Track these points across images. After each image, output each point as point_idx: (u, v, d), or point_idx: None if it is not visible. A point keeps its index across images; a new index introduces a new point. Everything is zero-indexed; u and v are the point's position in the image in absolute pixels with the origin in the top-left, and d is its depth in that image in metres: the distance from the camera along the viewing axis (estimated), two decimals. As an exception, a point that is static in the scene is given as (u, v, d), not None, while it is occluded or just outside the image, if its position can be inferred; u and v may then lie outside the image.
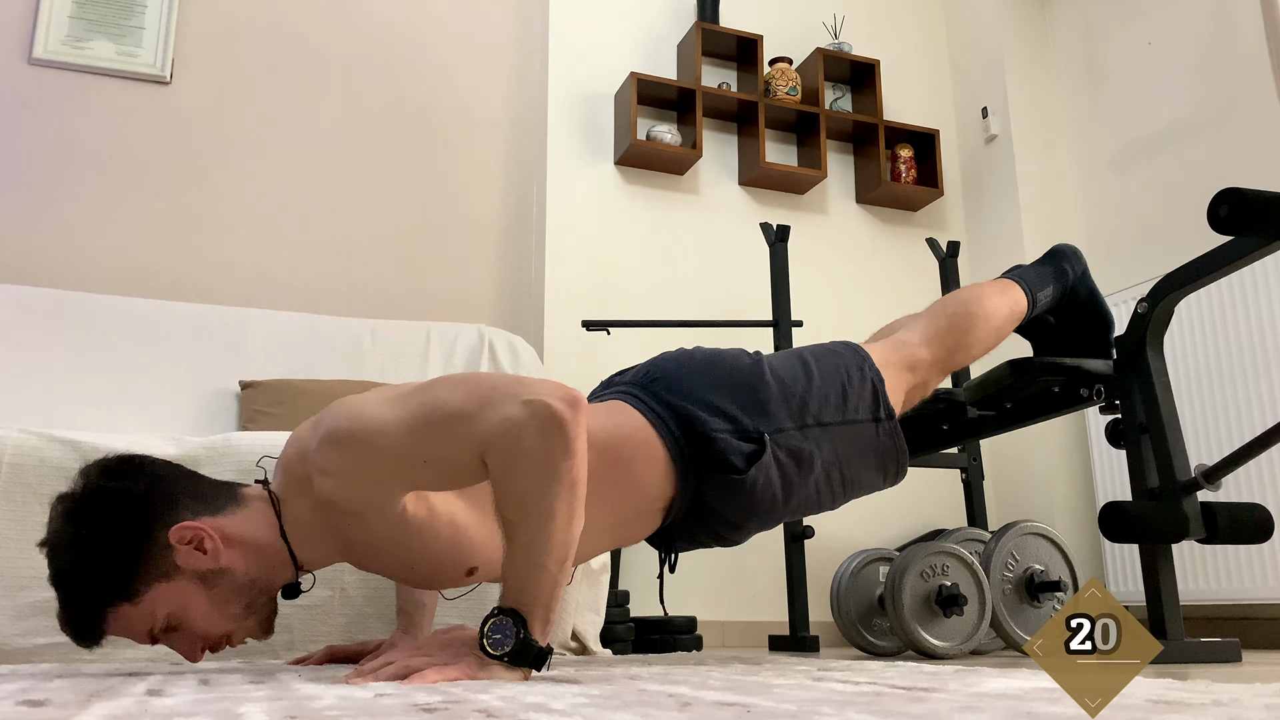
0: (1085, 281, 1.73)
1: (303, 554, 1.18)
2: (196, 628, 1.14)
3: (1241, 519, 1.57)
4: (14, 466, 1.62)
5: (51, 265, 2.65)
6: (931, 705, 0.67)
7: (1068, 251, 1.74)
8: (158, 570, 1.10)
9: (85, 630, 1.11)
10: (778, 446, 1.32)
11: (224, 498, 1.17)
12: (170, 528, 1.10)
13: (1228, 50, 2.79)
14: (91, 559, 1.09)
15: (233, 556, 1.13)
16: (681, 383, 1.34)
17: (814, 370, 1.41)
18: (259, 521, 1.16)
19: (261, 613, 1.19)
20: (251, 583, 1.15)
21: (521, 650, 1.00)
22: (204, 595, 1.12)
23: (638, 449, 1.28)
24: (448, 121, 3.16)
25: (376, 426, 1.08)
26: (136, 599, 1.10)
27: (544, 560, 1.02)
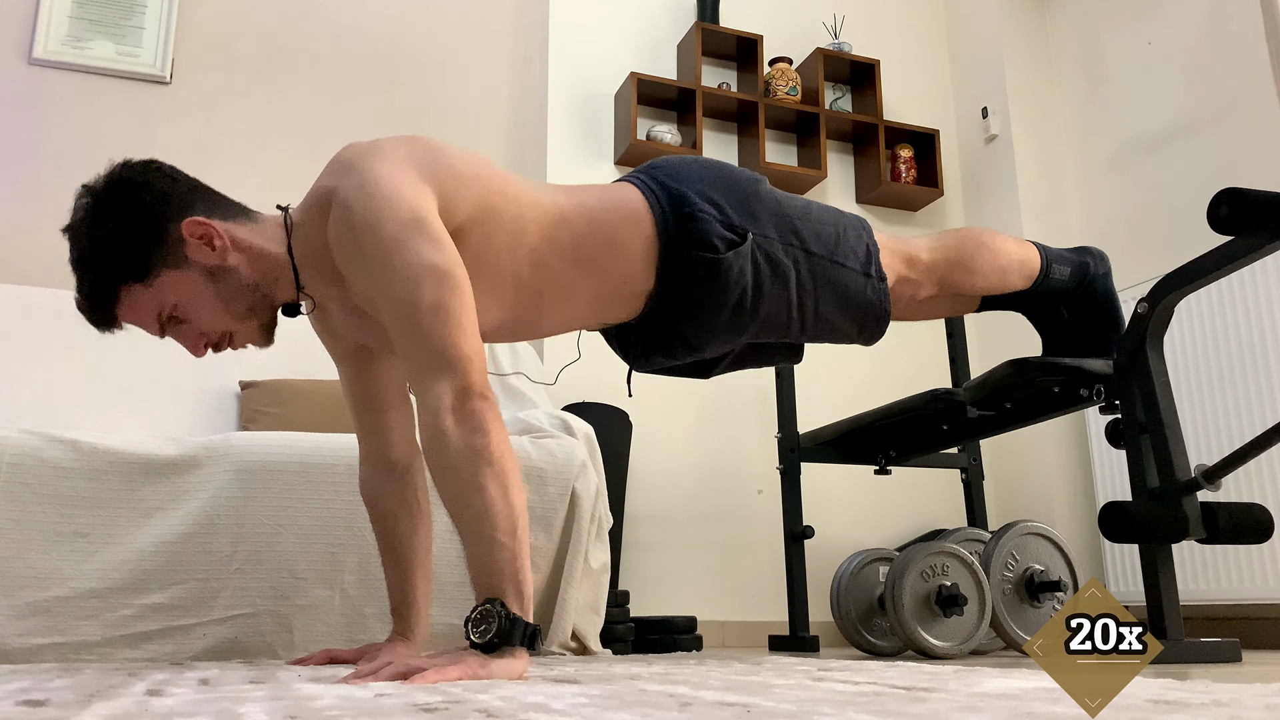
0: (1105, 281, 1.74)
1: (305, 275, 1.28)
2: (201, 320, 1.25)
3: (1241, 519, 1.57)
4: (14, 466, 1.63)
5: (51, 265, 2.64)
6: (931, 705, 0.67)
7: (1096, 251, 1.76)
8: (169, 257, 1.21)
9: (100, 307, 1.22)
10: (758, 248, 1.38)
11: (235, 209, 1.28)
12: (184, 221, 1.21)
13: (1228, 50, 2.79)
14: (109, 240, 1.19)
15: (239, 259, 1.24)
16: (680, 172, 1.42)
17: (813, 208, 1.47)
18: (268, 235, 1.27)
19: (263, 317, 1.29)
20: (255, 285, 1.26)
21: (509, 629, 1.01)
22: (210, 288, 1.23)
23: (628, 218, 1.37)
24: (448, 121, 3.16)
25: (374, 246, 1.15)
26: (148, 280, 1.21)
27: (491, 534, 1.05)
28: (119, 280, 1.21)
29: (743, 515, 2.94)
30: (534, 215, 1.33)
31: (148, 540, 1.66)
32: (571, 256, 1.35)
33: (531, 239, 1.32)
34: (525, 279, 1.33)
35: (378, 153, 1.23)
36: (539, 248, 1.33)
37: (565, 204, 1.37)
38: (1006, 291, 1.66)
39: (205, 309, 1.24)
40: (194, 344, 1.27)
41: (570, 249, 1.34)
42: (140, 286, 1.21)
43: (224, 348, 1.30)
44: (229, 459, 1.73)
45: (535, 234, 1.32)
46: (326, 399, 2.34)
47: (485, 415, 1.10)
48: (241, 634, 1.67)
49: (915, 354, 2.98)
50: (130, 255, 1.20)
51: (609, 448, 2.29)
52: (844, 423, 2.34)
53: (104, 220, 1.20)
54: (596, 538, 1.96)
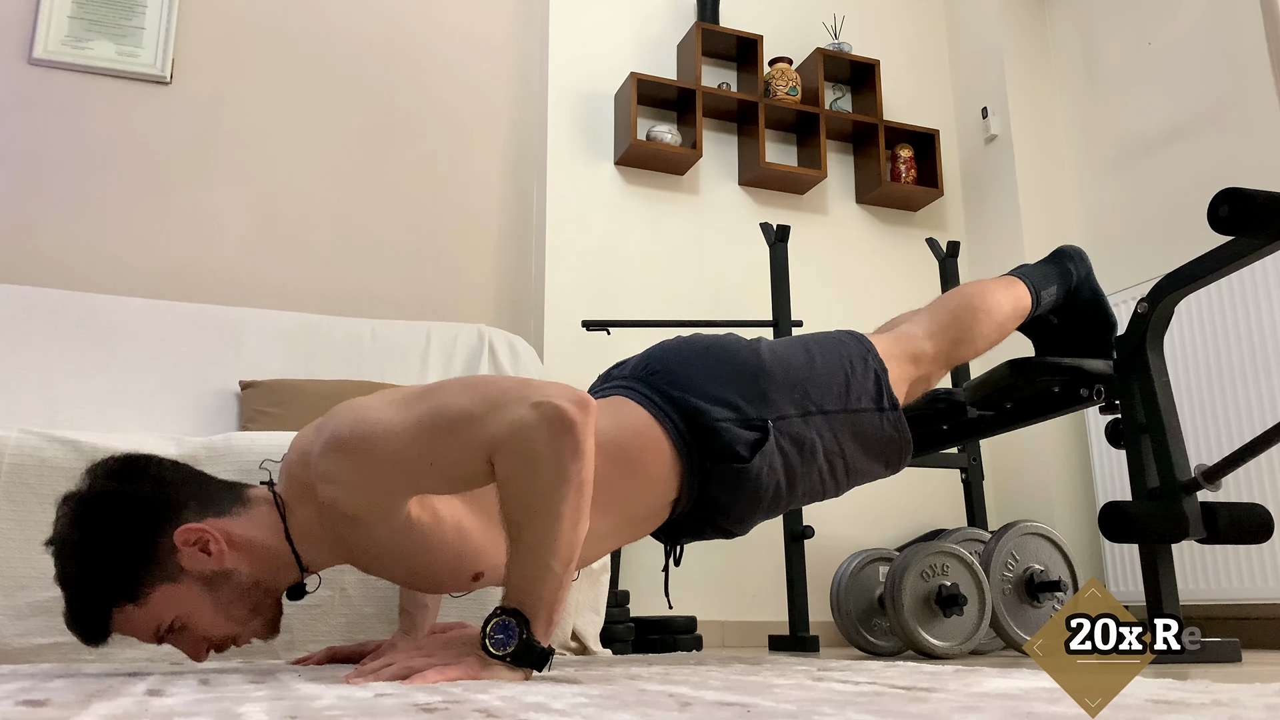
0: (1089, 282, 1.73)
1: (307, 556, 1.17)
2: (202, 629, 1.14)
3: (1241, 519, 1.57)
4: (14, 466, 1.62)
5: (51, 265, 2.65)
6: (931, 705, 0.67)
7: (1072, 252, 1.74)
8: (163, 572, 1.11)
9: (91, 630, 1.12)
10: (780, 434, 1.32)
11: (229, 499, 1.17)
12: (175, 530, 1.10)
13: (1228, 50, 2.79)
14: (97, 561, 1.09)
15: (237, 559, 1.13)
16: (682, 374, 1.34)
17: (816, 358, 1.40)
18: (264, 524, 1.16)
19: (267, 614, 1.19)
20: (256, 584, 1.15)
21: (524, 651, 0.99)
22: (209, 597, 1.13)
23: (644, 446, 1.27)
24: (448, 121, 3.16)
25: (381, 430, 1.07)
26: (142, 601, 1.11)
27: (549, 561, 1.01)
28: (110, 603, 1.10)
29: (743, 515, 2.94)
30: None
31: (148, 540, 1.65)
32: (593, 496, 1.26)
33: None
34: None
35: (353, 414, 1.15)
36: None
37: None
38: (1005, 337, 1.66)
39: (205, 618, 1.14)
40: (195, 650, 1.17)
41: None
42: (134, 607, 1.11)
43: (228, 648, 1.19)
44: (229, 459, 1.73)
45: None
46: (326, 399, 2.34)
47: (585, 431, 1.04)
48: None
49: (915, 354, 2.98)
50: (120, 577, 1.10)
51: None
52: (844, 423, 2.33)
53: (90, 539, 1.10)
54: (596, 538, 1.95)
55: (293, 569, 1.17)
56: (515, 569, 1.03)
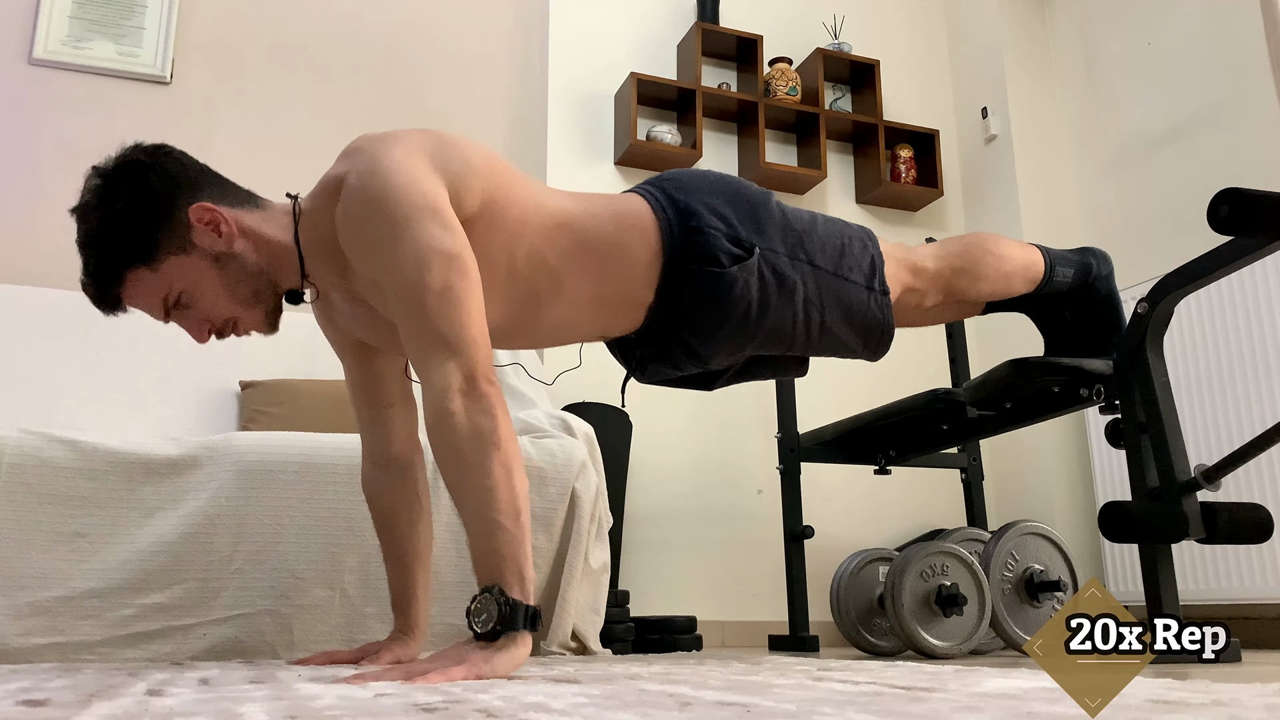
0: (1108, 282, 1.74)
1: (310, 263, 1.27)
2: (206, 305, 1.24)
3: (1241, 519, 1.57)
4: (14, 466, 1.63)
5: (51, 265, 2.65)
6: (931, 705, 0.67)
7: (1099, 252, 1.76)
8: (176, 242, 1.21)
9: (105, 288, 1.22)
10: (764, 262, 1.37)
11: (243, 196, 1.29)
12: (191, 205, 1.21)
13: (1228, 50, 2.79)
14: (116, 222, 1.20)
15: (244, 245, 1.24)
16: (689, 185, 1.41)
17: (819, 221, 1.46)
18: (275, 223, 1.28)
19: (268, 303, 1.29)
20: (260, 272, 1.26)
21: (510, 615, 1.01)
22: (215, 274, 1.23)
23: (632, 227, 1.36)
24: (448, 122, 3.16)
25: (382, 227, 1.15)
26: (154, 264, 1.21)
27: (494, 517, 1.05)
28: (125, 263, 1.21)
29: (743, 515, 2.94)
30: (538, 216, 1.32)
31: (148, 540, 1.65)
32: (571, 258, 1.34)
33: (533, 238, 1.31)
34: (523, 277, 1.32)
35: (391, 140, 1.24)
36: (540, 247, 1.32)
37: (570, 207, 1.36)
38: (1011, 296, 1.66)
39: (210, 294, 1.24)
40: (198, 329, 1.27)
41: (571, 250, 1.34)
42: (146, 270, 1.21)
43: (228, 334, 1.29)
44: (229, 459, 1.73)
45: (537, 233, 1.32)
46: (326, 399, 2.34)
47: (493, 399, 1.10)
48: (241, 634, 1.67)
49: (915, 354, 2.98)
50: (137, 237, 1.20)
51: (609, 448, 2.29)
52: (844, 423, 2.34)
53: (112, 201, 1.20)
54: (596, 538, 1.96)
55: (295, 270, 1.28)
56: (472, 542, 1.07)
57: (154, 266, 1.21)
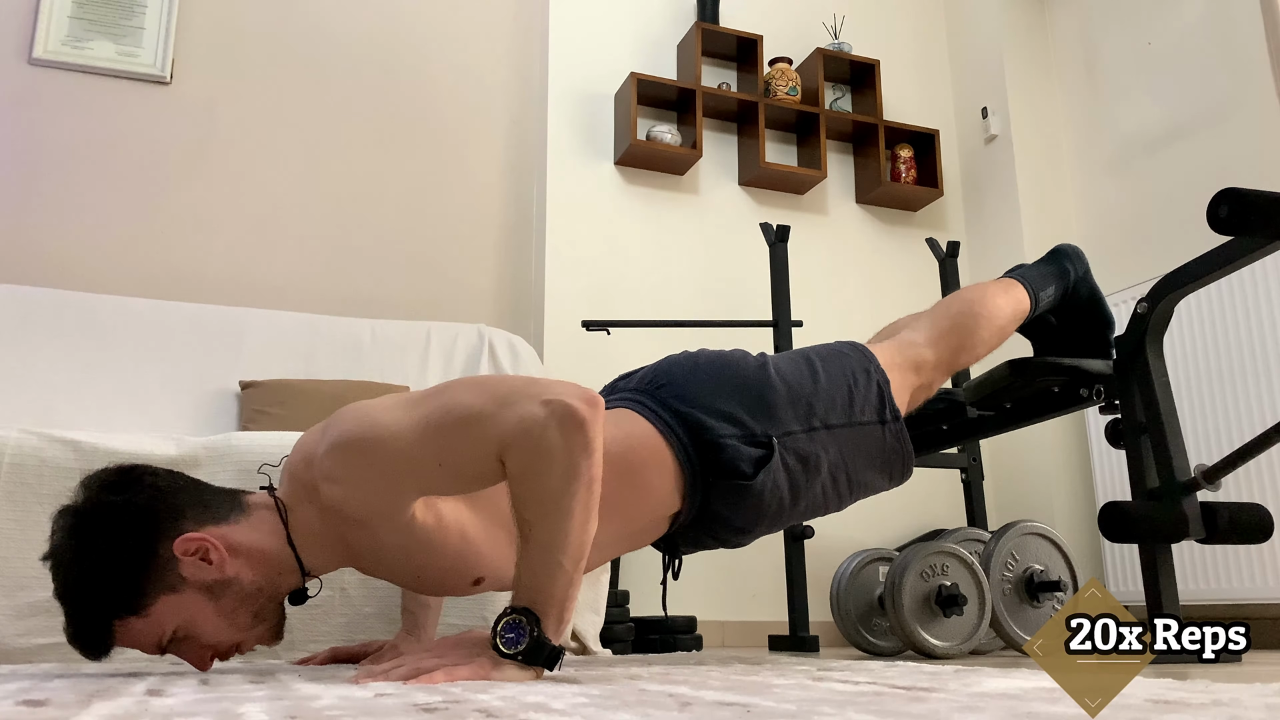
0: (1087, 281, 1.73)
1: (309, 560, 1.17)
2: (206, 638, 1.13)
3: (1241, 519, 1.57)
4: (14, 466, 1.62)
5: (51, 265, 2.65)
6: (931, 705, 0.67)
7: (1069, 251, 1.74)
8: (164, 583, 1.09)
9: (93, 644, 1.10)
10: (785, 450, 1.31)
11: (228, 506, 1.16)
12: (174, 540, 1.09)
13: (1228, 50, 2.79)
14: (96, 575, 1.08)
15: (239, 566, 1.12)
16: (688, 388, 1.33)
17: (820, 372, 1.40)
18: (265, 529, 1.15)
19: (271, 619, 1.18)
20: (259, 591, 1.14)
21: (535, 649, 0.99)
22: (211, 606, 1.11)
23: (647, 459, 1.27)
24: (448, 121, 3.16)
25: (389, 430, 1.07)
26: (143, 612, 1.09)
27: (560, 558, 1.01)
28: (111, 615, 1.09)
29: (743, 515, 2.94)
30: None
31: (148, 540, 1.65)
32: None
33: None
34: None
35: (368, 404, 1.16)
36: None
37: None
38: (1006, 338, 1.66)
39: (209, 627, 1.13)
40: (199, 659, 1.16)
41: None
42: (136, 619, 1.09)
43: (231, 655, 1.19)
44: (229, 459, 1.73)
45: None
46: (326, 399, 2.34)
47: (594, 430, 1.04)
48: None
49: (915, 354, 2.98)
50: (120, 590, 1.08)
51: (609, 448, 2.28)
52: (844, 423, 2.33)
53: (87, 552, 1.08)
54: (596, 538, 1.95)
55: (294, 573, 1.17)
56: (526, 567, 1.02)
57: (143, 615, 1.09)
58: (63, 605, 1.09)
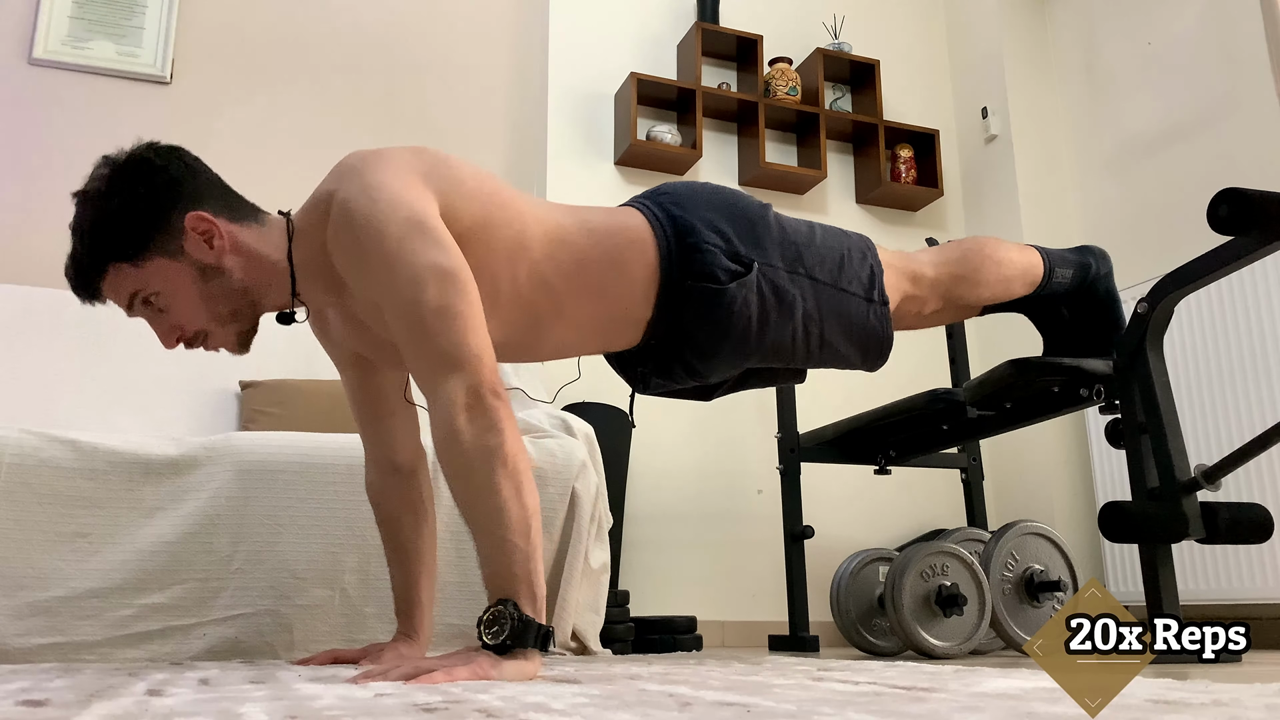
0: (1107, 281, 1.73)
1: (302, 284, 1.26)
2: (180, 314, 1.24)
3: (1241, 519, 1.57)
4: (14, 466, 1.63)
5: (51, 265, 2.63)
6: (931, 705, 0.67)
7: (1097, 251, 1.75)
8: (165, 246, 1.21)
9: (86, 276, 1.22)
10: (763, 277, 1.36)
11: (246, 211, 1.27)
12: (189, 213, 1.21)
13: (1228, 50, 2.79)
14: (113, 214, 1.20)
15: (235, 261, 1.23)
16: (687, 199, 1.40)
17: (817, 233, 1.45)
18: (271, 241, 1.25)
19: (243, 324, 1.28)
20: (245, 291, 1.25)
21: (521, 630, 1.01)
22: (198, 286, 1.22)
23: (630, 243, 1.34)
24: (448, 121, 3.16)
25: (390, 250, 1.13)
26: (139, 263, 1.20)
27: (505, 535, 1.05)
28: (111, 256, 1.20)
29: (743, 515, 2.94)
30: (535, 232, 1.30)
31: (148, 540, 1.65)
32: (571, 276, 1.32)
33: (532, 255, 1.30)
34: (523, 295, 1.30)
35: (381, 158, 1.23)
36: (539, 264, 1.30)
37: (568, 223, 1.34)
38: (1010, 299, 1.66)
39: (188, 304, 1.23)
40: (166, 334, 1.26)
41: (571, 268, 1.32)
42: (129, 266, 1.21)
43: (196, 346, 1.28)
44: (229, 459, 1.73)
45: (536, 250, 1.30)
46: (326, 399, 2.34)
47: (499, 414, 1.09)
48: (241, 634, 1.67)
49: (915, 354, 2.98)
50: (129, 234, 1.20)
51: (609, 448, 2.29)
52: (844, 423, 2.34)
53: (113, 194, 1.20)
54: (596, 538, 1.96)
55: (285, 291, 1.26)
56: (482, 557, 1.07)
57: (138, 265, 1.21)
58: (73, 237, 1.22)
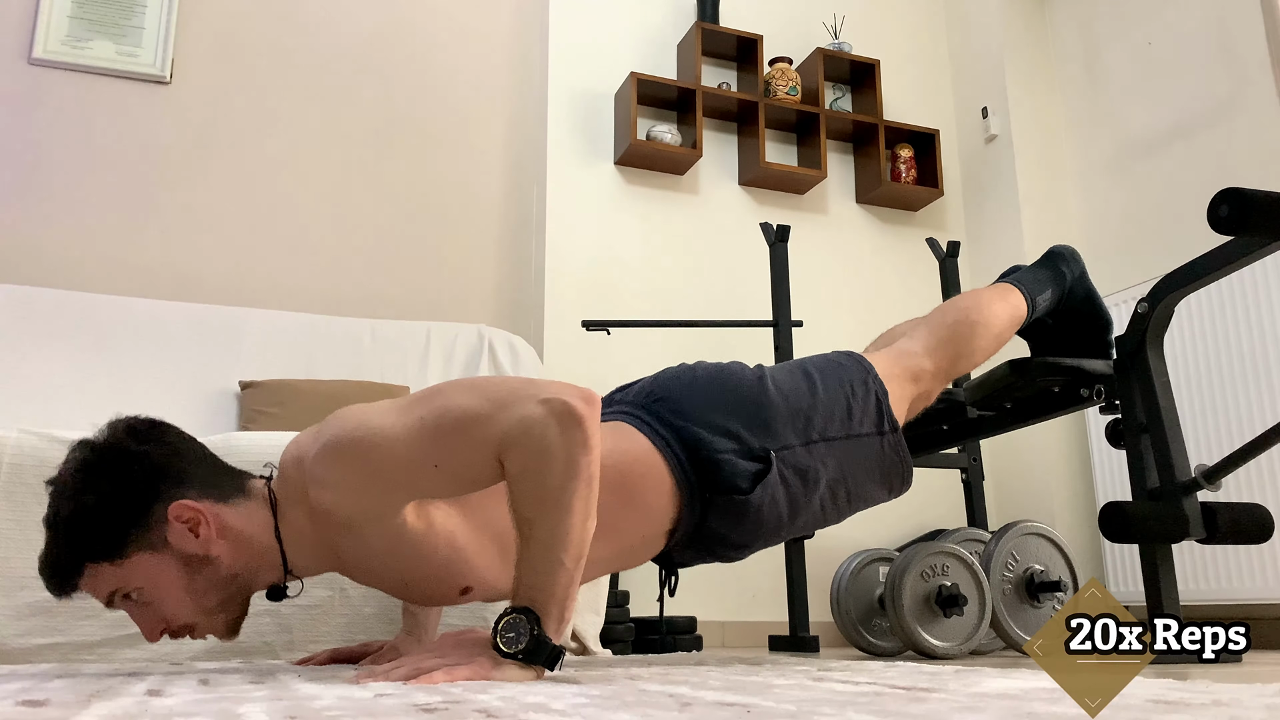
0: (1083, 283, 1.73)
1: (294, 559, 1.16)
2: (166, 607, 1.13)
3: (1241, 519, 1.57)
4: (14, 466, 1.62)
5: (51, 265, 2.65)
6: (931, 705, 0.67)
7: (1065, 253, 1.74)
8: (147, 541, 1.10)
9: (61, 578, 1.11)
10: (783, 464, 1.30)
11: (231, 487, 1.16)
12: (172, 503, 1.10)
13: (1228, 50, 2.79)
14: (90, 512, 1.09)
15: (223, 548, 1.13)
16: (685, 403, 1.32)
17: (818, 384, 1.39)
18: (257, 519, 1.15)
19: (233, 612, 1.18)
20: (234, 577, 1.15)
21: (535, 648, 0.99)
22: (184, 579, 1.12)
23: (643, 475, 1.26)
24: (448, 121, 3.16)
25: (384, 433, 1.07)
26: (119, 561, 1.10)
27: (560, 556, 1.01)
28: (89, 556, 1.10)
29: (743, 515, 2.94)
30: None
31: (148, 540, 1.65)
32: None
33: None
34: None
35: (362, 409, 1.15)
36: None
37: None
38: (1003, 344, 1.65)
39: (173, 598, 1.13)
40: (150, 630, 1.15)
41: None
42: (109, 565, 1.10)
43: (181, 636, 1.17)
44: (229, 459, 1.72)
45: None
46: (326, 399, 2.34)
47: (591, 427, 1.04)
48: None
49: (915, 354, 2.98)
50: (107, 533, 1.10)
51: (609, 448, 2.28)
52: (844, 423, 2.33)
53: (89, 489, 1.10)
54: (596, 538, 1.95)
55: (276, 569, 1.17)
56: (526, 566, 1.02)
57: (118, 563, 1.10)
58: (47, 531, 1.11)
